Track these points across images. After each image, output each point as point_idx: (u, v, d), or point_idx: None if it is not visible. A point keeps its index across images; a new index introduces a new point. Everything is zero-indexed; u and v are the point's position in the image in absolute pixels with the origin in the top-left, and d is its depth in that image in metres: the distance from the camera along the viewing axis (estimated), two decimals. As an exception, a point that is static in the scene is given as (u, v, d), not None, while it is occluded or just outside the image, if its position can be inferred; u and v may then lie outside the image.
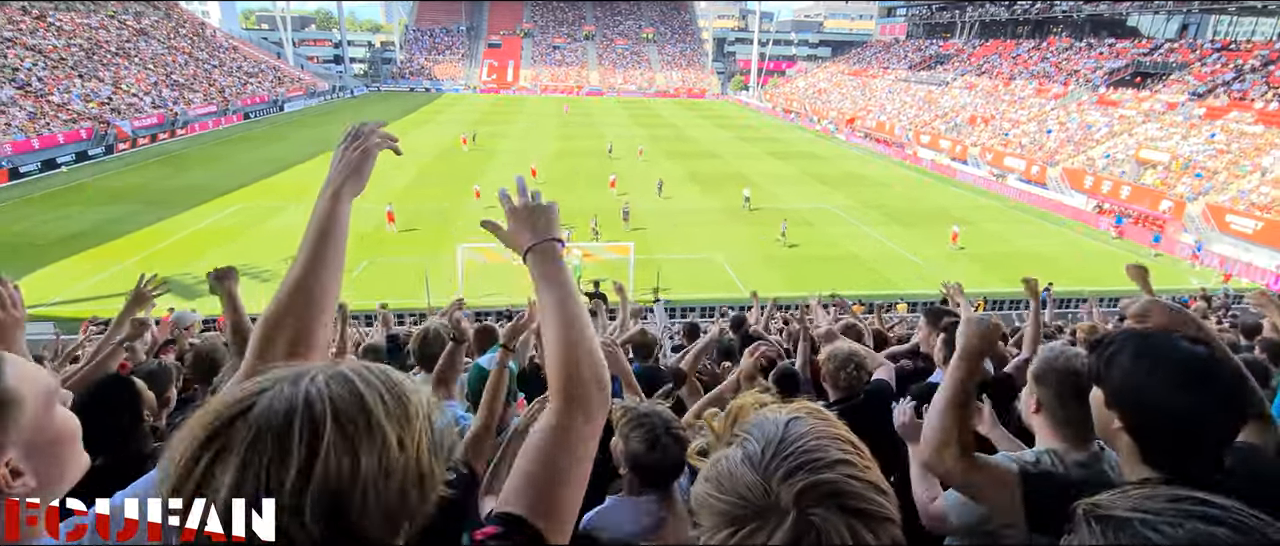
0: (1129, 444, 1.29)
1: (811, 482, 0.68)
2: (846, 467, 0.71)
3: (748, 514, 0.69)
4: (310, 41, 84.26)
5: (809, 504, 0.67)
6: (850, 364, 3.06)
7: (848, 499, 0.68)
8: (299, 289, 1.11)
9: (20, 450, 0.87)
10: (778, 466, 0.70)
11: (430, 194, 27.58)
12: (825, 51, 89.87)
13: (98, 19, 49.24)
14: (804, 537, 0.66)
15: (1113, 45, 45.31)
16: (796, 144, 46.82)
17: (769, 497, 0.69)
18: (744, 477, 0.71)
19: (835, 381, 3.08)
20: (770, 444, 0.73)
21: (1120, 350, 1.30)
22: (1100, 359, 1.33)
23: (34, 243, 20.40)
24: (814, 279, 19.72)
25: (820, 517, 0.66)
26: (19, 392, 0.87)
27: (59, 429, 0.93)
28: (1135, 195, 27.35)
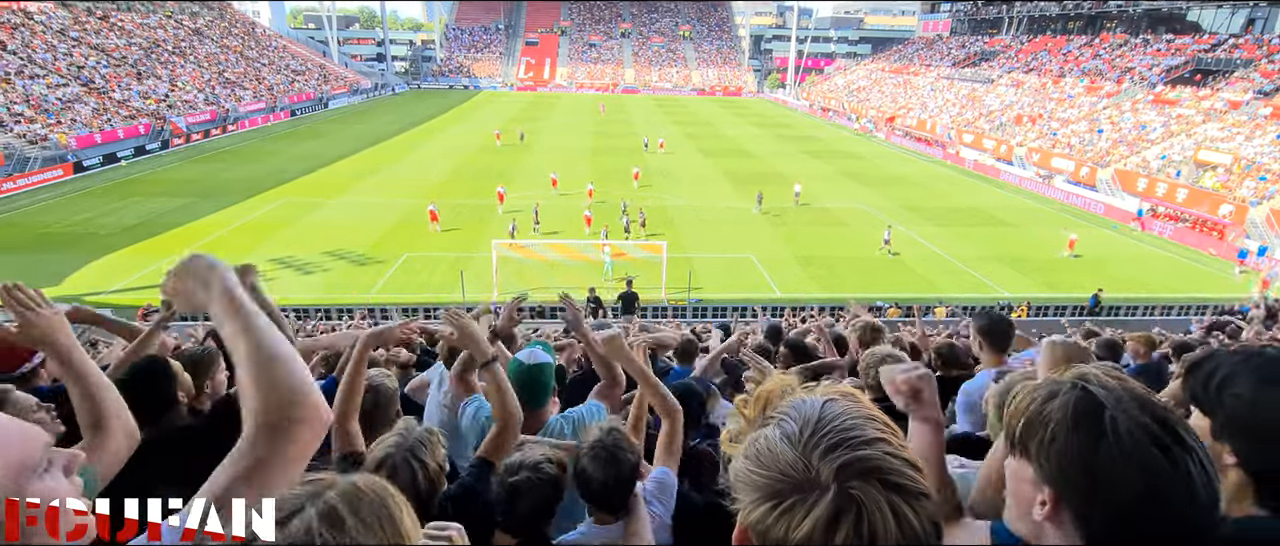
0: (1241, 481, 1.11)
1: (851, 458, 0.70)
2: (884, 445, 0.72)
3: (788, 488, 0.71)
4: (354, 40, 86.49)
5: (849, 478, 0.69)
6: (886, 364, 3.05)
7: (886, 474, 0.70)
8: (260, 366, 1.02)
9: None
10: (817, 443, 0.72)
11: (466, 190, 28.03)
12: (865, 48, 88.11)
13: (156, 19, 51.46)
14: (845, 511, 0.68)
15: (1171, 41, 43.27)
16: (834, 143, 46.07)
17: (809, 473, 0.71)
18: (784, 454, 0.73)
19: (866, 379, 3.06)
20: (809, 423, 0.75)
21: (1236, 374, 1.11)
22: (1208, 383, 1.14)
23: (95, 233, 21.45)
24: (850, 280, 19.40)
25: (860, 491, 0.69)
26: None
27: (34, 500, 0.84)
28: (1192, 198, 26.10)
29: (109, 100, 36.38)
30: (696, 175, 32.81)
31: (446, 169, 32.59)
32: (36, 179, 26.91)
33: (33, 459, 0.85)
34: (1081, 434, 0.87)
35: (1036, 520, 0.93)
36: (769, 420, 0.80)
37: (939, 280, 19.64)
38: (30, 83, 33.59)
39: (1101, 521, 0.86)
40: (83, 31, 42.59)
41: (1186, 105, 34.53)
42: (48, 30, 40.09)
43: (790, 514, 0.70)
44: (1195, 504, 0.83)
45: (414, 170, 32.08)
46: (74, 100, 34.22)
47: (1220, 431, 1.13)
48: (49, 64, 36.55)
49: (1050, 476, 0.89)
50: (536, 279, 18.37)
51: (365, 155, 35.73)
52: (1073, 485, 0.87)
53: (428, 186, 28.35)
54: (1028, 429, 0.93)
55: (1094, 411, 0.87)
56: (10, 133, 28.93)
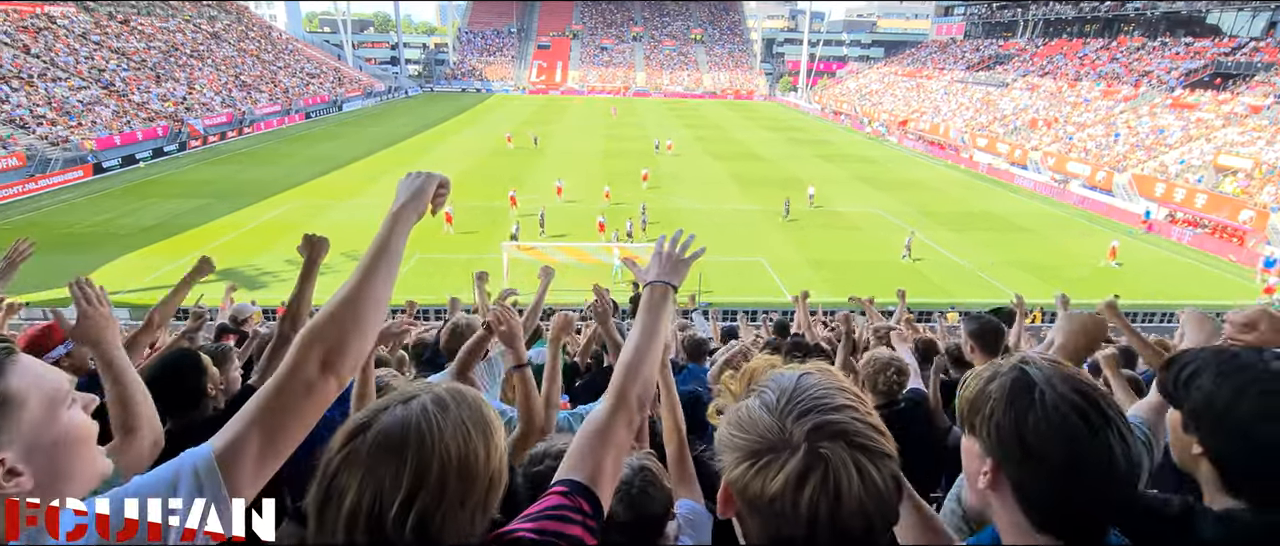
0: (1210, 471, 1.18)
1: (821, 421, 0.79)
2: (851, 411, 0.81)
3: (764, 448, 0.79)
4: (369, 43, 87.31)
5: (818, 439, 0.77)
6: (890, 369, 3.05)
7: (853, 436, 0.78)
8: (346, 303, 1.17)
9: (18, 450, 0.89)
10: (791, 409, 0.81)
11: (478, 192, 28.16)
12: (878, 52, 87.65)
13: (175, 23, 52.25)
14: (813, 468, 0.76)
15: (1190, 44, 42.65)
16: (846, 147, 45.84)
17: (784, 435, 0.79)
18: (762, 420, 0.81)
19: (873, 385, 3.06)
20: (785, 392, 0.83)
21: (1201, 369, 1.18)
22: (1177, 378, 1.22)
23: (114, 233, 21.78)
24: (861, 284, 19.26)
25: (828, 450, 0.76)
26: (21, 393, 0.90)
27: (63, 431, 0.94)
28: (1212, 204, 25.69)
29: (128, 103, 36.97)
30: (706, 178, 32.76)
31: (459, 171, 32.77)
32: (58, 180, 27.38)
33: (62, 391, 0.96)
34: (1015, 407, 0.95)
35: (981, 489, 1.01)
36: (751, 393, 0.88)
37: (951, 285, 19.46)
38: (52, 85, 34.21)
39: (1034, 488, 0.94)
40: (104, 35, 43.34)
41: (1206, 109, 34.02)
42: (70, 34, 40.84)
43: (765, 471, 0.78)
44: (1114, 469, 0.91)
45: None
46: (94, 103, 34.81)
47: (1188, 422, 1.20)
48: (71, 67, 37.22)
49: (990, 448, 0.98)
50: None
51: (379, 157, 36.02)
52: (1008, 454, 0.95)
53: (440, 189, 28.50)
54: (972, 407, 1.02)
55: (1027, 387, 0.95)
56: (33, 134, 29.47)
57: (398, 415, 0.89)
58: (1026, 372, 0.97)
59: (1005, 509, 0.99)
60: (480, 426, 0.93)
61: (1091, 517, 0.94)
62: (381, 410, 0.91)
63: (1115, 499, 0.93)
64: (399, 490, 0.83)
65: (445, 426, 0.89)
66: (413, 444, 0.86)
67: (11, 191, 25.20)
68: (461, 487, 0.87)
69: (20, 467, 0.89)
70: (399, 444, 0.86)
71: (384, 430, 0.87)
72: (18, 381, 0.90)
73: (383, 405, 0.92)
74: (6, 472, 0.87)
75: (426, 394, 0.93)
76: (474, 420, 0.92)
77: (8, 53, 34.75)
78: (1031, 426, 0.93)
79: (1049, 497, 0.94)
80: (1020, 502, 0.96)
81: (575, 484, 1.11)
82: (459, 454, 0.88)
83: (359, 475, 0.84)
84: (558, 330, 2.42)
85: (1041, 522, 0.95)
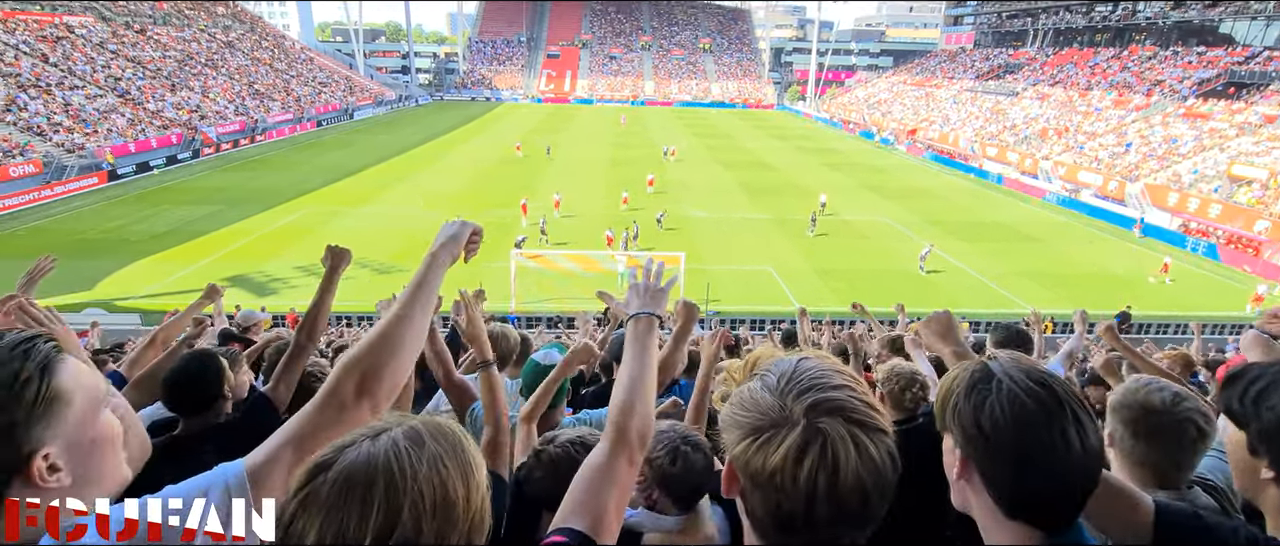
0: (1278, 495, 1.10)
1: (819, 399, 0.83)
2: (848, 390, 0.85)
3: (765, 425, 0.83)
4: (380, 53, 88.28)
5: (817, 415, 0.81)
6: (915, 384, 2.88)
7: (850, 412, 0.82)
8: (384, 336, 1.22)
9: (61, 446, 0.90)
10: (791, 388, 0.85)
11: (487, 200, 28.30)
12: (887, 61, 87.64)
13: (191, 32, 53.03)
14: (812, 442, 0.79)
15: (1202, 54, 42.34)
16: (854, 155, 45.76)
17: (784, 412, 0.83)
18: (763, 399, 0.86)
19: (898, 402, 2.90)
20: (785, 375, 0.87)
21: (1273, 386, 1.10)
22: (1244, 396, 1.13)
23: (127, 239, 22.02)
24: (870, 294, 19.15)
25: (826, 425, 0.80)
26: (70, 392, 0.92)
27: (101, 431, 0.97)
28: (1227, 214, 25.40)
29: (144, 111, 37.47)
30: (715, 186, 32.77)
31: (467, 180, 32.96)
32: (73, 187, 27.74)
33: (102, 392, 0.99)
34: (974, 396, 0.97)
35: (955, 481, 1.02)
36: (753, 377, 0.92)
37: (961, 295, 19.31)
38: (70, 93, 34.74)
39: (996, 475, 0.96)
40: (121, 44, 44.02)
41: (1219, 118, 33.73)
42: (88, 43, 41.50)
43: (767, 446, 0.81)
44: (1069, 455, 0.91)
45: (436, 181, 32.49)
46: (110, 111, 35.31)
47: (1257, 444, 1.12)
48: (88, 76, 37.80)
49: (958, 440, 0.99)
50: (553, 289, 18.44)
51: (389, 165, 36.29)
52: (972, 444, 0.97)
53: (449, 197, 28.69)
54: (942, 403, 1.04)
55: (986, 378, 0.98)
56: (50, 142, 29.91)
57: (364, 452, 0.81)
58: (988, 366, 1.01)
59: (977, 498, 1.00)
60: (460, 463, 0.84)
61: (1056, 502, 0.95)
62: (346, 446, 0.82)
63: (1075, 485, 0.94)
64: (366, 535, 0.75)
65: (419, 464, 0.80)
66: (381, 483, 0.78)
67: (28, 198, 25.55)
68: (438, 531, 0.79)
69: (60, 464, 0.90)
70: (365, 483, 0.77)
71: (347, 469, 0.79)
72: (68, 380, 0.92)
73: (347, 441, 0.83)
74: (49, 467, 0.89)
75: (398, 428, 0.84)
76: (453, 456, 0.84)
77: (27, 61, 35.35)
78: (987, 413, 0.95)
79: (1009, 484, 0.95)
80: (988, 490, 0.97)
81: (576, 534, 1.07)
82: (435, 494, 0.79)
83: (318, 520, 0.76)
84: (577, 357, 2.37)
85: (1010, 510, 0.96)
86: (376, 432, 0.84)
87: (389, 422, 0.86)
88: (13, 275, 2.62)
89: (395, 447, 0.81)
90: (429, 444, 0.83)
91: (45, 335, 0.96)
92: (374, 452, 0.80)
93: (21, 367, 0.88)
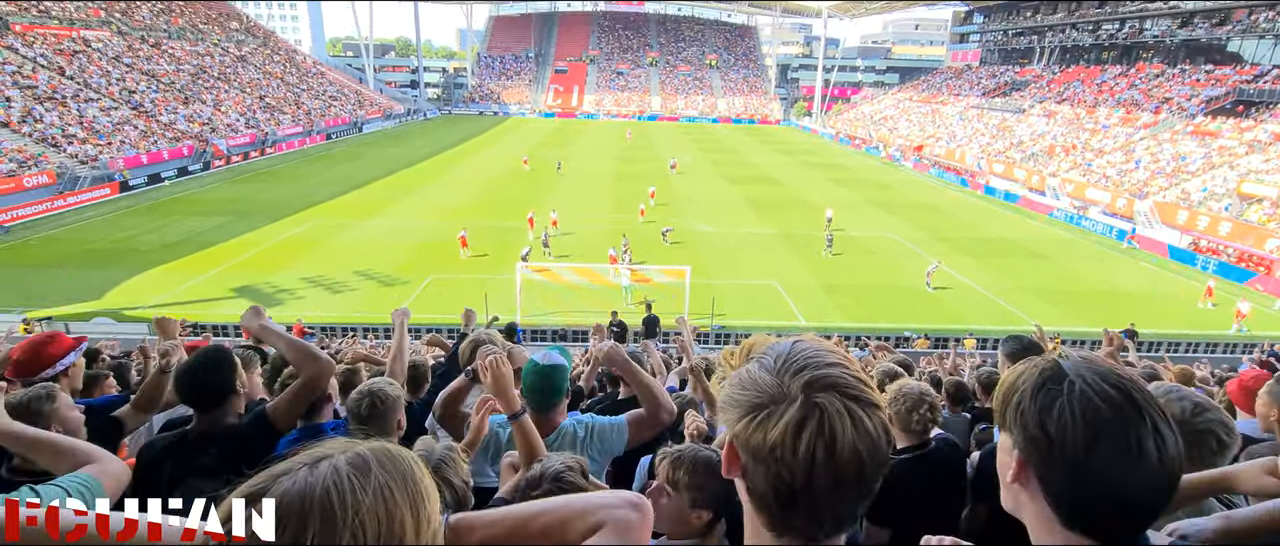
0: None
1: (816, 375, 0.85)
2: (843, 367, 0.87)
3: (764, 402, 0.85)
4: (390, 67, 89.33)
5: (814, 391, 0.84)
6: (923, 405, 2.80)
7: (845, 388, 0.85)
8: None
9: None
10: (788, 367, 0.87)
11: (493, 214, 28.44)
12: (893, 78, 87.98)
13: (205, 47, 53.86)
14: (809, 416, 0.82)
15: (1211, 72, 42.30)
16: (860, 171, 45.79)
17: (782, 389, 0.85)
18: (761, 378, 0.88)
19: (906, 424, 2.79)
20: (781, 356, 0.90)
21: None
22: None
23: (137, 249, 22.21)
24: (877, 309, 19.08)
25: (823, 400, 0.83)
26: None
27: None
28: (1236, 231, 25.22)
29: (156, 123, 37.98)
30: (721, 201, 32.83)
31: (474, 193, 33.16)
32: (86, 197, 28.07)
33: None
34: (1041, 397, 0.93)
35: (1009, 484, 0.98)
36: (751, 361, 0.94)
37: (968, 312, 19.20)
38: (84, 106, 35.27)
39: (1057, 481, 0.91)
40: (136, 58, 44.74)
41: (1228, 136, 33.61)
42: (104, 57, 42.20)
43: (766, 422, 0.84)
44: (1144, 464, 0.86)
45: (443, 193, 32.71)
46: (124, 123, 35.80)
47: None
48: (103, 88, 38.39)
49: (1018, 441, 0.95)
50: (558, 303, 18.45)
51: (396, 178, 36.56)
52: (1034, 447, 0.93)
53: (456, 210, 28.85)
54: (1003, 402, 1.00)
55: (1057, 377, 0.94)
56: (63, 153, 30.32)
57: (300, 480, 0.73)
58: (1059, 365, 0.96)
59: (1033, 504, 0.96)
60: (409, 493, 0.77)
61: (1122, 515, 0.90)
62: (281, 475, 0.74)
63: (1147, 499, 0.89)
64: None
65: (363, 494, 0.73)
66: (317, 515, 0.70)
67: (41, 208, 25.87)
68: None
69: None
70: (299, 516, 0.70)
71: (281, 500, 0.71)
72: None
73: (282, 470, 0.75)
74: None
75: (342, 455, 0.77)
76: (401, 486, 0.76)
77: (44, 74, 35.96)
78: (1056, 416, 0.90)
79: (1072, 491, 0.90)
80: (1046, 496, 0.93)
81: None
82: (380, 527, 0.72)
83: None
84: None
85: (1068, 519, 0.92)
86: (316, 460, 0.76)
87: (332, 450, 0.78)
88: (26, 283, 2.65)
89: (336, 475, 0.73)
90: (375, 472, 0.75)
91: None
92: (311, 482, 0.72)
93: None
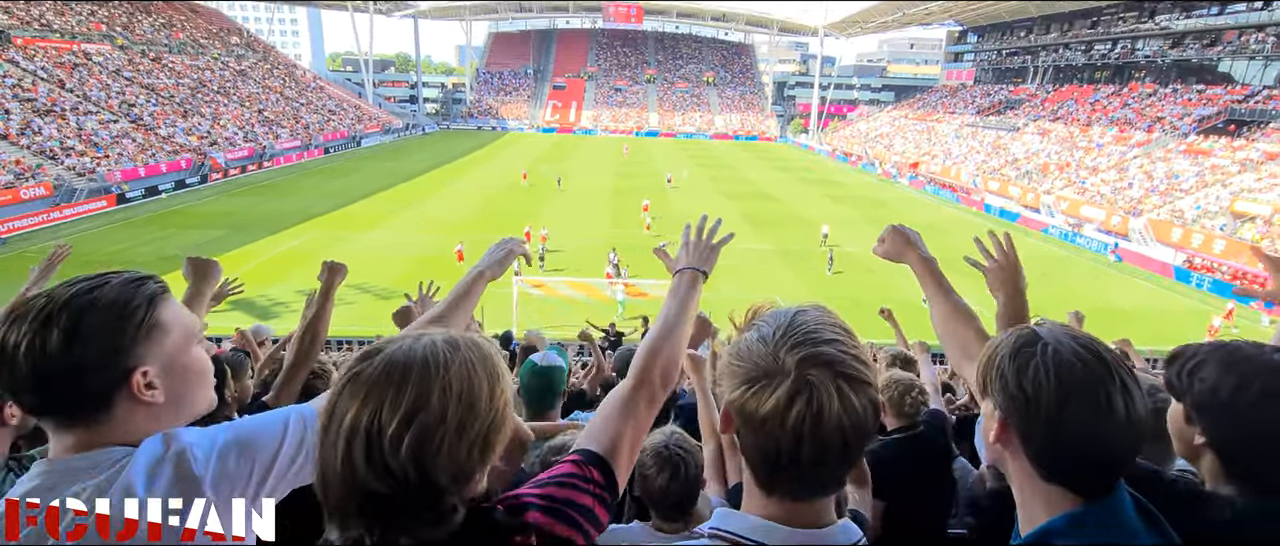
0: (1213, 461, 1.26)
1: (810, 352, 0.89)
2: (839, 344, 0.91)
3: (759, 375, 0.89)
4: (389, 82, 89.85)
5: (807, 367, 0.87)
6: (913, 389, 3.03)
7: (837, 366, 0.88)
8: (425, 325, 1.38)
9: (158, 367, 1.08)
10: (785, 341, 0.91)
11: (489, 227, 28.45)
12: (888, 96, 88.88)
13: (204, 61, 54.13)
14: (800, 391, 0.86)
15: (1202, 91, 42.85)
16: (857, 188, 46.04)
17: (777, 363, 0.89)
18: (758, 350, 0.92)
19: (899, 408, 3.02)
20: (780, 327, 0.93)
21: (1204, 362, 1.24)
22: (1181, 371, 1.28)
23: (132, 261, 22.10)
24: (875, 326, 19.03)
25: (814, 376, 0.87)
26: (168, 323, 1.11)
27: (192, 360, 1.15)
28: (1231, 249, 25.38)
29: (155, 136, 38.04)
30: (718, 217, 32.85)
31: (472, 207, 33.20)
32: (82, 209, 28.01)
33: (197, 328, 1.18)
34: (1019, 357, 0.99)
35: (991, 444, 1.03)
36: (752, 327, 0.98)
37: (966, 328, 19.20)
38: (83, 118, 35.33)
39: (1035, 436, 0.97)
40: (136, 72, 44.91)
41: (1220, 155, 33.96)
42: (104, 70, 42.37)
43: (760, 394, 0.88)
44: (1113, 419, 0.92)
45: (440, 208, 32.73)
46: (122, 136, 35.84)
47: (1191, 412, 1.26)
48: (102, 102, 38.48)
49: (999, 401, 1.01)
50: (555, 316, 18.38)
51: (394, 192, 36.60)
52: (1012, 403, 0.98)
53: (453, 224, 28.86)
54: (985, 366, 1.06)
55: (1033, 340, 1.00)
56: (61, 165, 30.31)
57: (405, 347, 0.90)
58: (1036, 330, 1.03)
59: (1015, 462, 1.02)
60: (488, 369, 0.93)
61: (1096, 467, 0.97)
62: (391, 342, 0.92)
63: (1119, 450, 0.95)
64: (398, 411, 0.83)
65: (453, 362, 0.89)
66: (416, 373, 0.87)
67: (37, 220, 25.79)
68: (461, 417, 0.87)
69: (157, 382, 1.07)
70: (402, 372, 0.86)
71: (389, 358, 0.88)
72: (168, 314, 1.11)
73: (393, 339, 0.93)
74: (147, 384, 1.05)
75: (440, 335, 0.94)
76: (482, 363, 0.92)
77: (43, 87, 36.05)
78: (1031, 374, 0.96)
79: (1049, 445, 0.96)
80: (1026, 453, 0.99)
81: (589, 453, 1.12)
82: (461, 387, 0.88)
83: (361, 396, 0.85)
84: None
85: (1048, 472, 0.98)
86: (418, 336, 0.93)
87: (432, 332, 0.95)
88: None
89: (433, 347, 0.90)
90: (464, 349, 0.92)
91: (155, 277, 1.13)
92: (414, 348, 0.89)
93: (134, 296, 1.07)
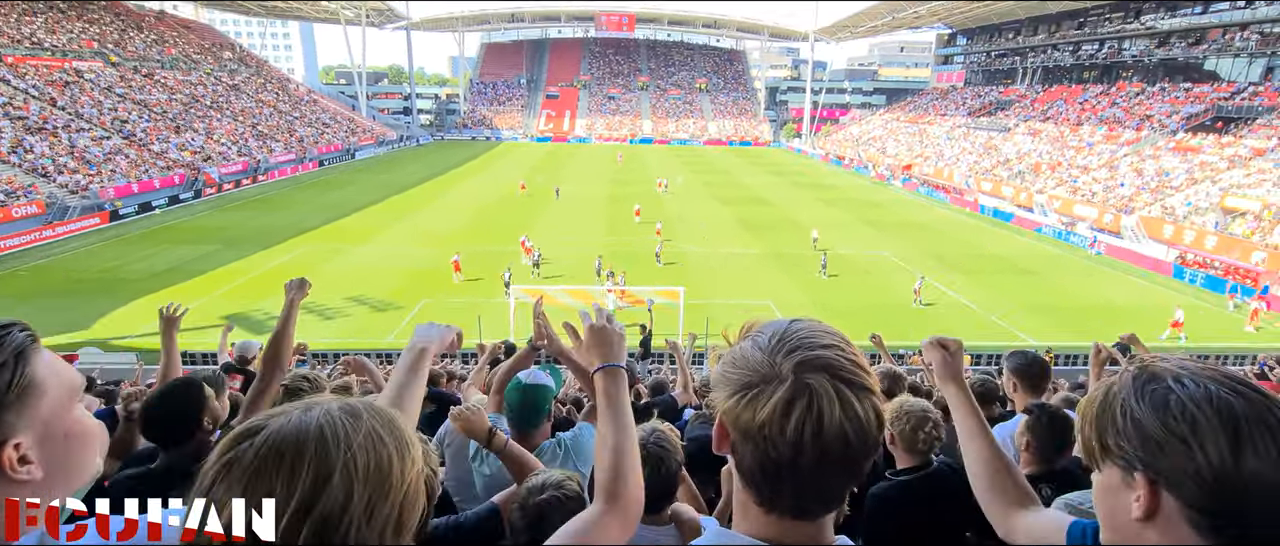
0: None
1: (807, 356, 0.85)
2: (837, 349, 0.87)
3: (756, 381, 0.85)
4: (382, 94, 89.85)
5: (805, 372, 0.83)
6: (928, 423, 2.57)
7: (836, 370, 0.84)
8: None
9: (33, 436, 0.88)
10: (781, 347, 0.87)
11: (486, 238, 28.44)
12: (880, 99, 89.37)
13: (197, 76, 54.07)
14: (799, 396, 0.82)
15: (1189, 89, 43.23)
16: (850, 191, 46.23)
17: (774, 369, 0.85)
18: (754, 357, 0.88)
19: (912, 444, 2.57)
20: (776, 335, 0.89)
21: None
22: None
23: (125, 278, 22.02)
24: (870, 328, 19.06)
25: (813, 381, 0.83)
26: (44, 382, 0.90)
27: (74, 425, 0.95)
28: (1222, 245, 25.55)
29: (148, 152, 37.93)
30: (713, 222, 32.98)
31: (467, 218, 33.19)
32: (75, 227, 27.89)
33: (77, 385, 0.98)
34: (1151, 398, 0.83)
35: (1134, 519, 0.83)
36: (746, 339, 0.94)
37: (961, 328, 19.25)
38: (76, 136, 35.23)
39: (1192, 480, 0.78)
40: (128, 88, 44.83)
41: (1209, 152, 34.23)
42: (96, 87, 42.28)
43: (756, 401, 0.84)
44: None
45: (436, 219, 32.71)
46: (115, 152, 35.73)
47: None
48: (94, 119, 38.38)
49: (1136, 457, 0.83)
50: (552, 324, 18.33)
51: (389, 204, 36.56)
52: (1162, 450, 0.80)
53: (449, 235, 28.84)
54: (1099, 424, 0.89)
55: (1157, 377, 0.86)
56: (53, 183, 30.19)
57: (294, 420, 0.78)
58: (1149, 366, 0.87)
59: (1170, 528, 0.81)
60: (396, 439, 0.81)
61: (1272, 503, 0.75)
62: (276, 415, 0.79)
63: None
64: (291, 500, 0.72)
65: (354, 434, 0.77)
66: (312, 448, 0.74)
67: (29, 237, 25.67)
68: (369, 501, 0.75)
69: (31, 456, 0.88)
70: (295, 448, 0.74)
71: (277, 434, 0.75)
72: (43, 370, 0.90)
73: (278, 411, 0.80)
74: (20, 458, 0.87)
75: (335, 403, 0.82)
76: (388, 432, 0.81)
77: (35, 105, 35.96)
78: (1176, 410, 0.79)
79: (1213, 489, 0.76)
80: (1184, 510, 0.79)
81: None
82: (369, 461, 0.77)
83: (241, 485, 0.72)
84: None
85: (1213, 522, 0.77)
86: (309, 407, 0.80)
87: (324, 400, 0.83)
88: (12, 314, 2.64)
89: (329, 417, 0.78)
90: (365, 418, 0.80)
91: (20, 324, 0.92)
92: (305, 421, 0.77)
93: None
